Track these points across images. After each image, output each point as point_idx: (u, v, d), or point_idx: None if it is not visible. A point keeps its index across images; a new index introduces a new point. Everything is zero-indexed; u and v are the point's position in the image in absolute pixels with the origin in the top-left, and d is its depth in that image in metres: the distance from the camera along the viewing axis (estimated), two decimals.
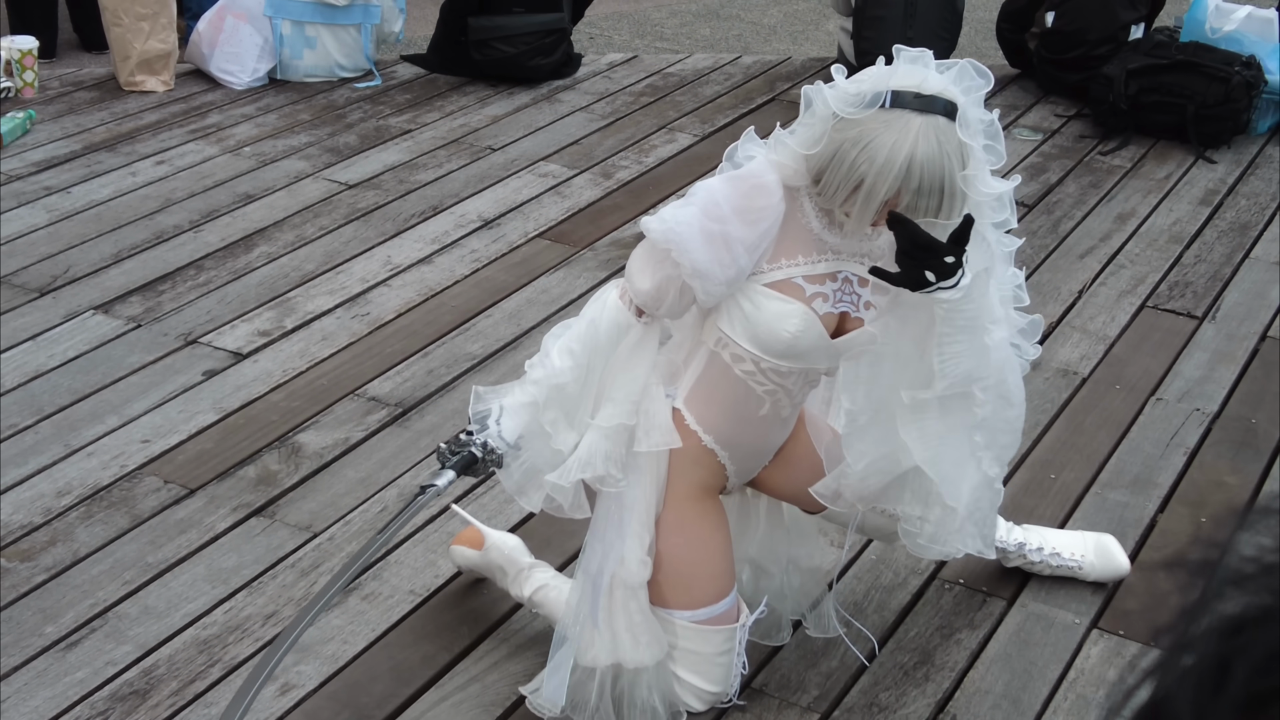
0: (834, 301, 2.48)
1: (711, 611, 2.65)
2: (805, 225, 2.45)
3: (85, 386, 3.78)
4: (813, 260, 2.46)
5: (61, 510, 3.29)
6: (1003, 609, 3.07)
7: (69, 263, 4.44)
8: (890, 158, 2.27)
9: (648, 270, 2.46)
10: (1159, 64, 5.73)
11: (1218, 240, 4.91)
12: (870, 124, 2.30)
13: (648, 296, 2.47)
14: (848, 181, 2.32)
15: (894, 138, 2.28)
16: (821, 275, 2.47)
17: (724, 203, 2.40)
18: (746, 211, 2.40)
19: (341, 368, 3.91)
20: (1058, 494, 3.46)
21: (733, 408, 2.57)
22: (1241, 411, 3.85)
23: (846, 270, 2.48)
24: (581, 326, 2.51)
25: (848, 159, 2.31)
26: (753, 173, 2.43)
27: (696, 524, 2.63)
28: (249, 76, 5.95)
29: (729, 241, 2.39)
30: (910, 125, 2.28)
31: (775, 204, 2.41)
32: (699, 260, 2.39)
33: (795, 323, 2.45)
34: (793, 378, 2.55)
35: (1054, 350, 4.11)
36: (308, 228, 4.74)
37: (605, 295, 2.53)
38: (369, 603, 3.02)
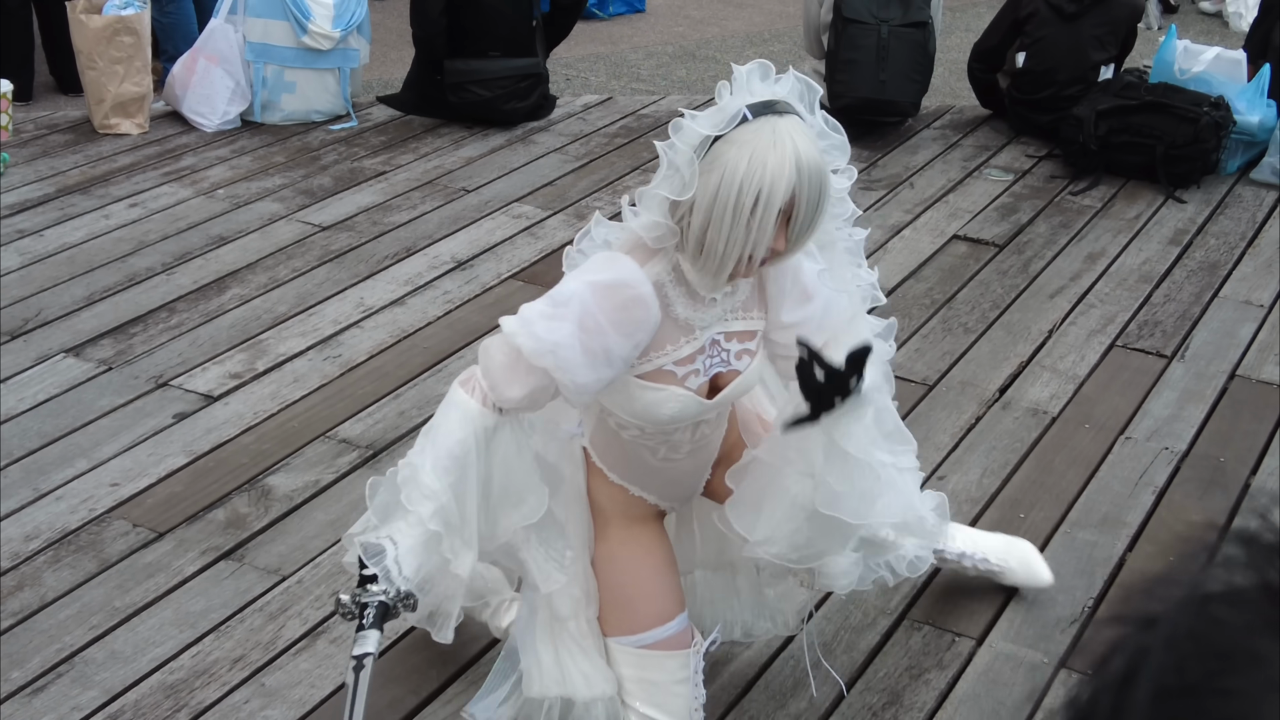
0: (705, 372, 2.45)
1: (658, 635, 2.61)
2: (673, 316, 2.39)
3: (55, 430, 3.77)
4: (679, 345, 2.41)
5: (29, 554, 3.28)
6: (971, 649, 3.07)
7: (40, 306, 4.44)
8: (779, 158, 2.21)
9: (515, 380, 2.35)
10: (1128, 105, 5.78)
11: (1187, 279, 4.94)
12: (742, 139, 2.23)
13: (517, 403, 2.37)
14: (746, 198, 2.22)
15: (771, 140, 2.22)
16: (690, 355, 2.43)
17: (600, 315, 2.29)
18: (623, 324, 2.31)
19: (313, 410, 3.91)
20: (1027, 533, 3.46)
21: (628, 457, 2.58)
22: (1210, 450, 3.87)
23: (710, 335, 2.45)
24: (446, 440, 2.37)
25: (738, 175, 2.22)
26: (624, 281, 2.32)
27: (626, 550, 2.62)
28: (219, 119, 5.96)
29: (609, 355, 2.31)
30: (779, 128, 2.23)
31: (653, 314, 2.33)
32: (580, 377, 2.30)
33: (672, 406, 2.42)
34: (679, 434, 2.53)
35: (1024, 389, 4.13)
36: (280, 269, 4.75)
37: (460, 403, 2.39)
38: (337, 646, 3.01)
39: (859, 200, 5.57)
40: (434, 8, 5.95)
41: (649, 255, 2.36)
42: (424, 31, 6.03)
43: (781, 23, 8.66)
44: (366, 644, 2.29)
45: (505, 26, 6.07)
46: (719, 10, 8.83)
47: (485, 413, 2.37)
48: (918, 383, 4.14)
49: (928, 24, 6.07)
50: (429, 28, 6.00)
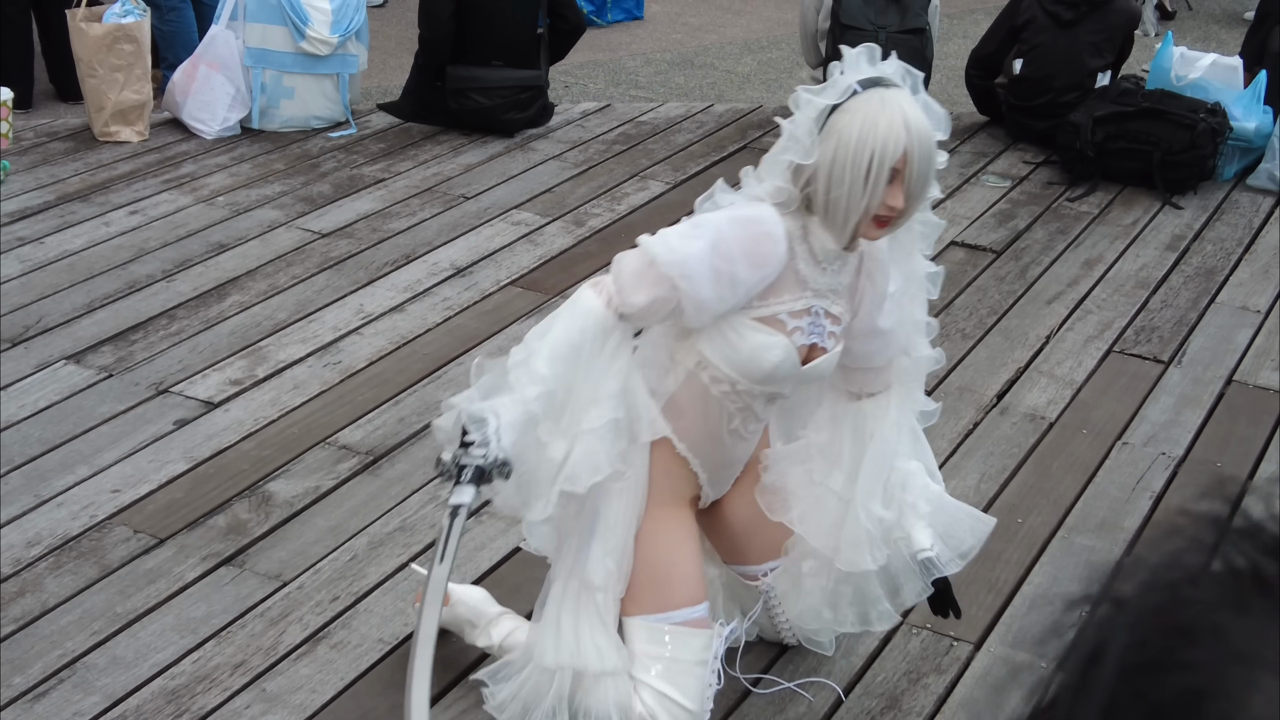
0: (807, 334, 2.64)
1: (689, 614, 2.71)
2: (795, 267, 2.59)
3: (56, 437, 3.78)
4: (795, 297, 2.60)
5: (31, 561, 3.29)
6: (969, 653, 3.08)
7: (41, 313, 4.45)
8: (889, 120, 2.45)
9: (643, 287, 2.53)
10: (1125, 111, 5.81)
11: (1184, 285, 4.96)
12: (855, 107, 2.48)
13: (637, 310, 2.55)
14: (859, 159, 2.45)
15: (881, 107, 2.46)
16: (800, 310, 2.62)
17: (733, 243, 2.52)
18: (754, 256, 2.53)
19: (313, 416, 3.92)
20: (1024, 538, 3.48)
21: (705, 422, 2.70)
22: (1207, 455, 3.89)
23: (818, 305, 2.63)
24: (565, 332, 2.53)
25: (853, 139, 2.46)
26: (761, 219, 2.54)
27: (671, 530, 2.74)
28: (219, 125, 5.98)
29: (735, 281, 2.52)
30: (888, 97, 2.48)
31: (781, 252, 2.54)
32: (704, 294, 2.51)
33: (777, 354, 2.60)
34: (760, 400, 2.70)
35: (1021, 395, 4.14)
36: (280, 276, 4.76)
37: (585, 301, 2.56)
38: (338, 651, 3.02)
39: None
40: (444, 11, 5.97)
41: (784, 210, 2.57)
42: (432, 34, 6.04)
43: (779, 30, 8.69)
44: (462, 495, 2.41)
45: (510, 36, 6.08)
46: (717, 18, 8.85)
47: (607, 315, 2.55)
48: None
49: (925, 30, 6.09)
50: (438, 30, 6.01)
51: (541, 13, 6.18)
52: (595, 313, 2.55)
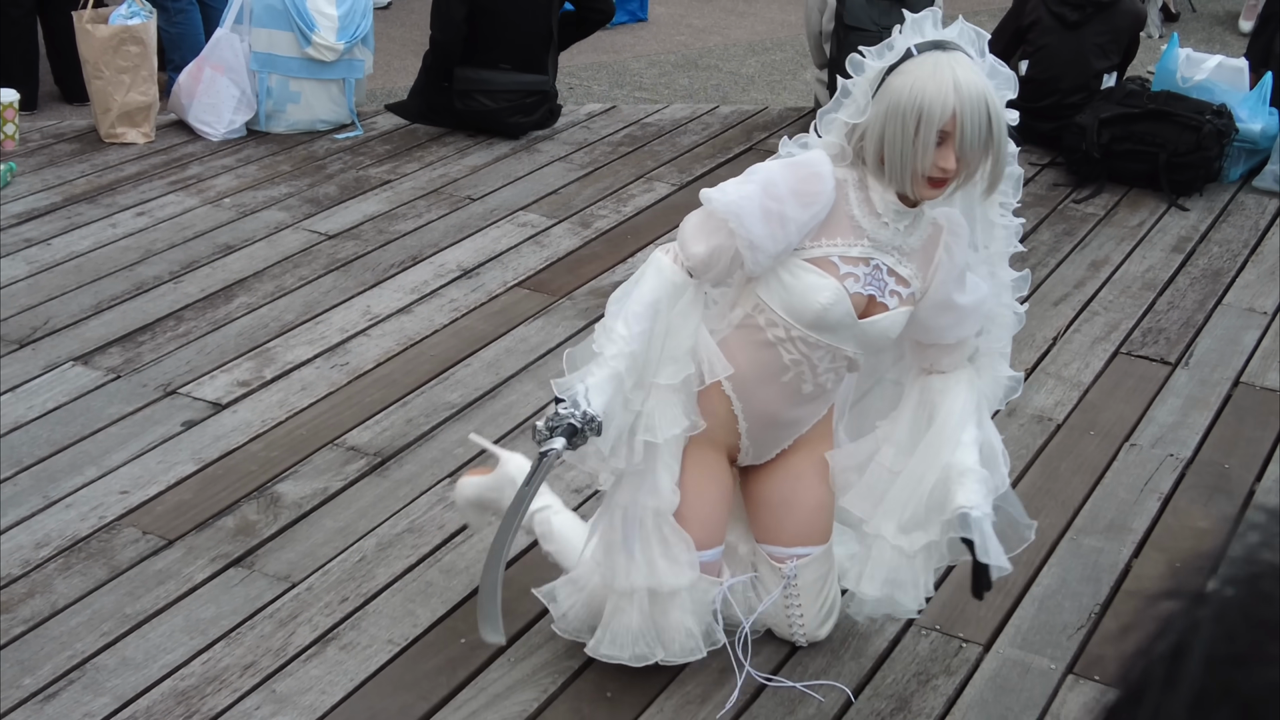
0: (864, 283, 2.72)
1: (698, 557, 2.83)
2: (848, 212, 2.70)
3: (64, 438, 3.78)
4: (849, 243, 2.70)
5: (40, 562, 3.30)
6: (979, 654, 3.08)
7: (48, 314, 4.45)
8: (938, 83, 2.53)
9: (701, 237, 2.69)
10: (1131, 113, 5.81)
11: (1190, 287, 4.96)
12: (908, 69, 2.57)
13: (699, 261, 2.70)
14: (908, 121, 2.55)
15: (933, 70, 2.55)
16: (856, 258, 2.71)
17: (782, 184, 2.64)
18: (802, 194, 2.64)
19: (320, 417, 3.92)
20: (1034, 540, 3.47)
21: (758, 365, 2.80)
22: (1215, 457, 3.89)
23: (879, 259, 2.72)
24: (639, 292, 2.70)
25: (902, 101, 2.55)
26: (810, 160, 2.67)
27: (700, 472, 2.84)
28: (225, 128, 5.99)
29: (784, 220, 2.64)
30: (942, 60, 2.57)
31: (828, 190, 2.65)
32: (756, 234, 2.63)
33: (827, 295, 2.69)
34: (819, 352, 2.77)
35: (1029, 396, 4.14)
36: (287, 278, 4.77)
37: (656, 261, 2.74)
38: (347, 652, 3.03)
39: None
40: (457, 13, 5.97)
41: (838, 161, 2.70)
42: (445, 36, 6.04)
43: (783, 31, 8.69)
44: (553, 444, 2.60)
45: (519, 40, 6.09)
46: (721, 19, 8.85)
47: (676, 270, 2.71)
48: None
49: None
50: (450, 32, 6.02)
51: (555, 17, 6.18)
52: (665, 271, 2.72)
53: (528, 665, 3.01)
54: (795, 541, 2.97)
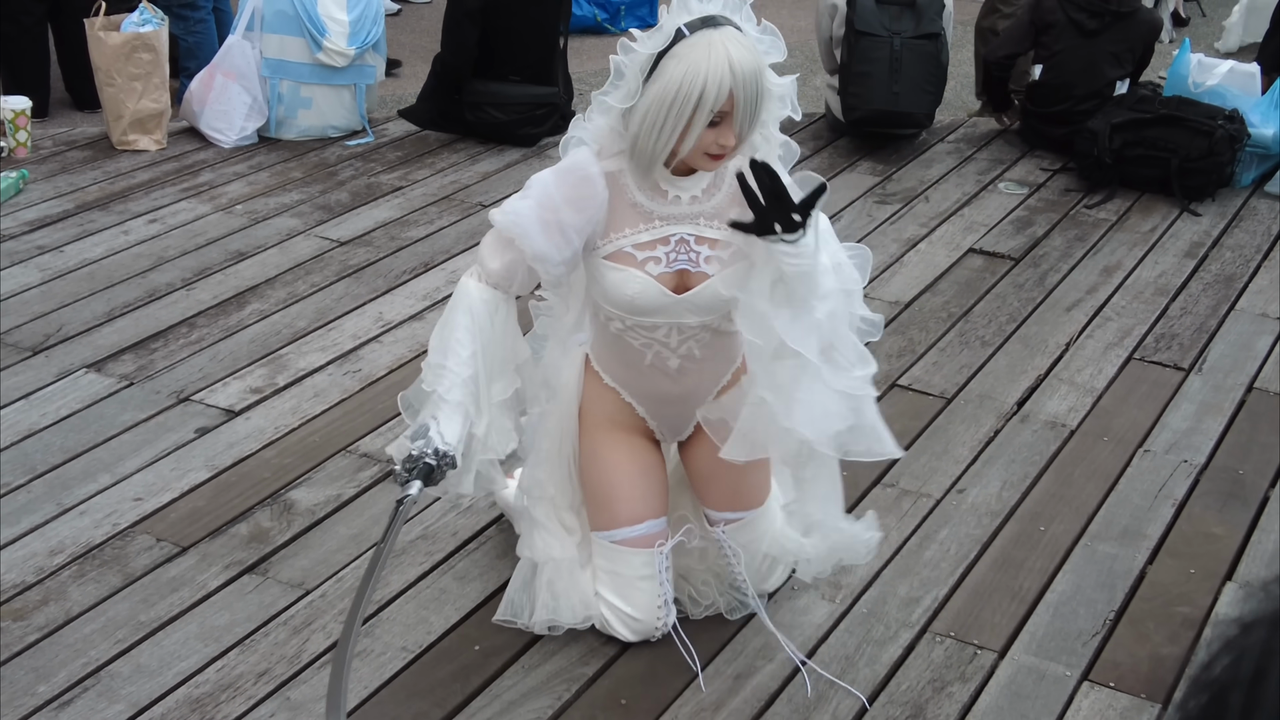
0: (668, 263, 2.79)
1: (627, 533, 2.98)
2: (630, 201, 2.77)
3: (78, 445, 3.79)
4: (639, 230, 2.78)
5: (54, 569, 3.30)
6: (993, 661, 3.07)
7: (61, 321, 4.46)
8: (713, 64, 2.57)
9: (495, 254, 2.80)
10: (1143, 118, 5.80)
11: (1203, 292, 4.95)
12: (681, 52, 2.60)
13: (499, 276, 2.81)
14: (685, 103, 2.59)
15: (706, 51, 2.58)
16: (652, 241, 2.78)
17: (555, 193, 2.73)
18: (575, 200, 2.73)
19: (333, 424, 3.93)
20: (1047, 546, 3.47)
21: (621, 354, 2.93)
22: (1229, 463, 3.88)
23: (680, 233, 2.79)
24: (455, 320, 2.80)
25: (674, 83, 2.59)
26: (577, 164, 2.76)
27: (608, 453, 2.98)
28: (236, 135, 6.00)
29: (563, 228, 2.73)
30: (714, 38, 2.60)
31: (599, 190, 2.74)
32: (539, 247, 2.73)
33: (634, 285, 2.78)
34: (660, 330, 2.86)
35: (1042, 402, 4.14)
36: (299, 285, 4.77)
37: (463, 286, 2.84)
38: (361, 660, 3.02)
39: (874, 214, 5.64)
40: (469, 37, 5.98)
41: (614, 149, 2.76)
42: (455, 59, 6.05)
43: (792, 37, 8.66)
44: (409, 489, 2.67)
45: (530, 54, 6.10)
46: None
47: (483, 288, 2.82)
48: (935, 396, 4.15)
49: (940, 35, 6.09)
50: (461, 56, 6.03)
51: (563, 27, 6.20)
52: (472, 291, 2.82)
53: (541, 672, 3.00)
54: (726, 506, 3.07)
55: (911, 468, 3.77)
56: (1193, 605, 3.27)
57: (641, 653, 3.06)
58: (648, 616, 3.01)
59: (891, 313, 4.68)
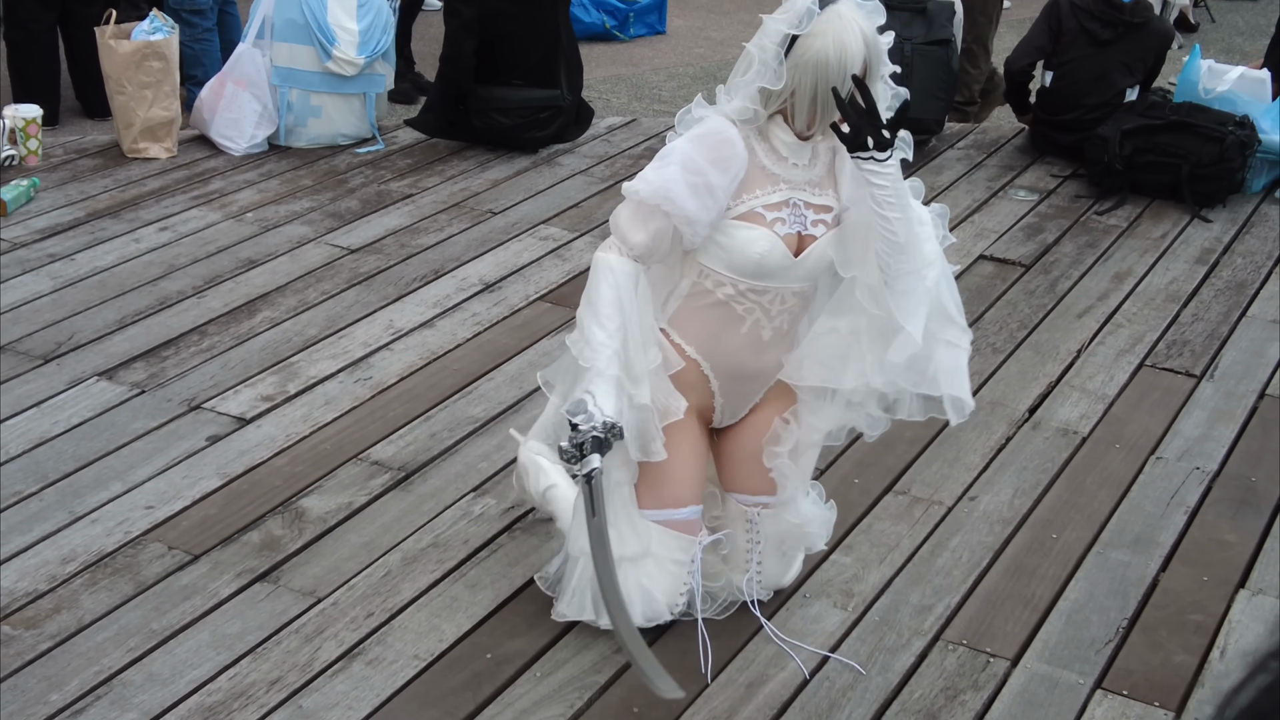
0: (789, 224, 2.90)
1: (672, 515, 3.03)
2: (759, 164, 2.88)
3: (89, 453, 3.79)
4: (768, 192, 2.88)
5: (66, 577, 3.30)
6: (1006, 669, 3.07)
7: (73, 329, 4.46)
8: (852, 38, 2.73)
9: (638, 225, 2.84)
10: (1153, 124, 5.79)
11: (1215, 299, 4.94)
12: (819, 29, 2.74)
13: (644, 247, 2.85)
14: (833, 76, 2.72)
15: (842, 26, 2.74)
16: (777, 203, 2.89)
17: (698, 157, 2.81)
18: (719, 161, 2.82)
19: (344, 432, 3.93)
20: (1059, 553, 3.47)
21: (716, 324, 2.98)
22: (1241, 470, 3.87)
23: (795, 197, 2.90)
24: (600, 293, 2.84)
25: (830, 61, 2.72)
26: (715, 129, 2.84)
27: (673, 434, 2.97)
28: (246, 143, 6.01)
29: (711, 189, 2.81)
30: (843, 13, 2.76)
31: (740, 151, 2.84)
32: (689, 209, 2.80)
33: (762, 244, 2.86)
34: (768, 296, 2.95)
35: (1053, 409, 4.13)
36: (310, 292, 4.77)
37: (602, 260, 2.87)
38: (373, 668, 3.02)
39: None
40: (467, 49, 6.00)
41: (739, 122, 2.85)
42: (453, 69, 6.08)
43: None
44: (590, 464, 2.77)
45: (530, 58, 6.11)
46: (739, 32, 8.85)
47: (624, 261, 2.86)
48: None
49: (951, 41, 6.09)
50: (458, 66, 6.05)
51: (563, 29, 6.20)
52: (614, 265, 2.85)
53: (554, 680, 3.00)
54: (762, 490, 3.12)
55: (923, 475, 3.77)
56: (1206, 613, 3.26)
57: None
58: (666, 599, 3.06)
59: None
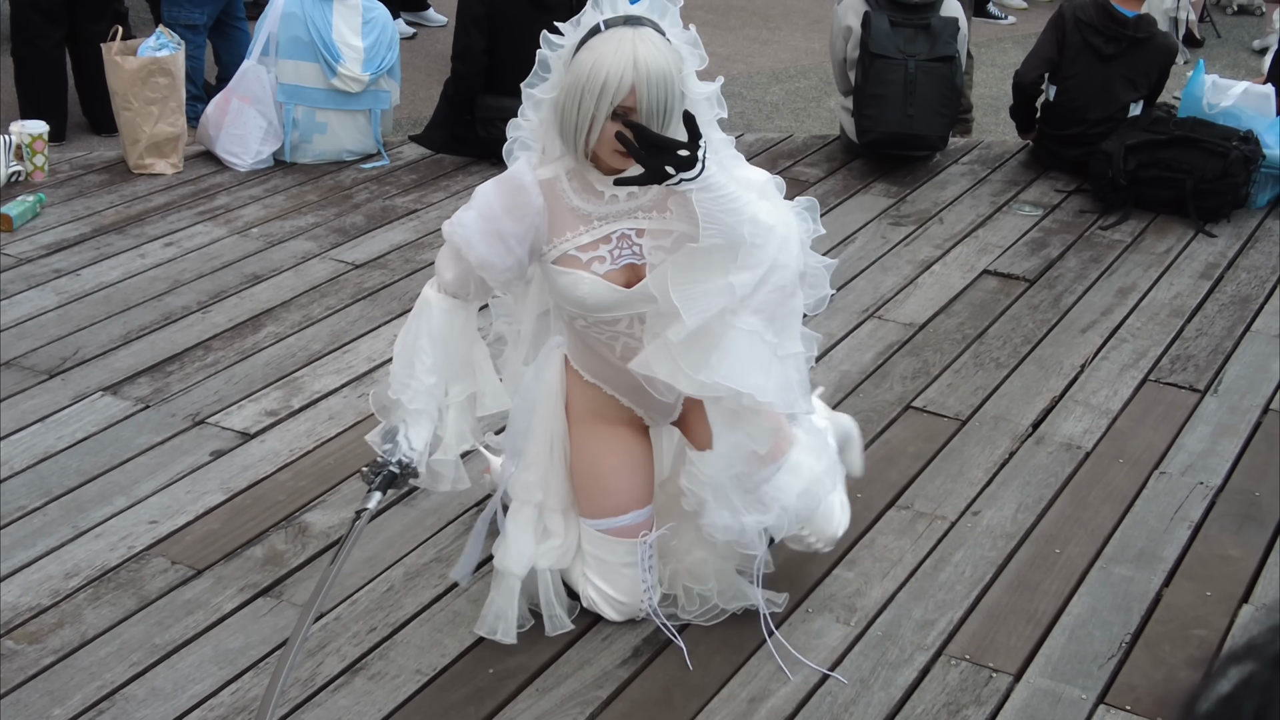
0: (613, 260, 2.88)
1: (612, 523, 3.10)
2: (568, 206, 2.86)
3: (93, 468, 3.80)
4: (579, 233, 2.87)
5: (69, 592, 3.30)
6: (1009, 685, 3.06)
7: (78, 344, 4.48)
8: (617, 58, 2.67)
9: (449, 264, 2.93)
10: (1157, 139, 5.79)
11: (1218, 314, 4.93)
12: (594, 45, 2.71)
13: (454, 285, 2.94)
14: (589, 94, 2.68)
15: (615, 46, 2.69)
16: (594, 242, 2.87)
17: (495, 202, 2.85)
18: (512, 209, 2.84)
19: (348, 447, 3.93)
20: (1062, 568, 3.46)
21: (593, 351, 3.03)
22: (1245, 485, 3.86)
23: (620, 229, 2.87)
24: (417, 328, 2.95)
25: (582, 74, 2.70)
26: (514, 174, 2.86)
27: (595, 445, 3.09)
28: (252, 159, 6.02)
29: (503, 236, 2.84)
30: (625, 35, 2.70)
31: (535, 198, 2.84)
32: (482, 254, 2.85)
33: (583, 287, 2.87)
34: (622, 323, 2.94)
35: (1057, 424, 4.13)
36: (314, 308, 4.78)
37: (424, 296, 2.99)
38: (375, 683, 3.02)
39: (889, 235, 5.63)
40: (477, 44, 6.01)
41: (547, 156, 2.87)
42: (467, 68, 6.08)
43: (807, 59, 8.70)
44: (369, 501, 2.86)
45: None
46: (745, 47, 8.87)
47: (442, 297, 2.95)
48: (950, 417, 4.15)
49: (954, 58, 6.09)
50: (472, 64, 6.06)
51: None
52: (432, 300, 2.96)
53: (555, 695, 3.00)
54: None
55: (926, 490, 3.77)
56: (1209, 628, 3.26)
57: (656, 675, 3.06)
58: (631, 600, 3.14)
59: (906, 334, 4.68)
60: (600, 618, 3.19)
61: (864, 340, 4.60)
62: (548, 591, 3.13)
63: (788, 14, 9.79)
